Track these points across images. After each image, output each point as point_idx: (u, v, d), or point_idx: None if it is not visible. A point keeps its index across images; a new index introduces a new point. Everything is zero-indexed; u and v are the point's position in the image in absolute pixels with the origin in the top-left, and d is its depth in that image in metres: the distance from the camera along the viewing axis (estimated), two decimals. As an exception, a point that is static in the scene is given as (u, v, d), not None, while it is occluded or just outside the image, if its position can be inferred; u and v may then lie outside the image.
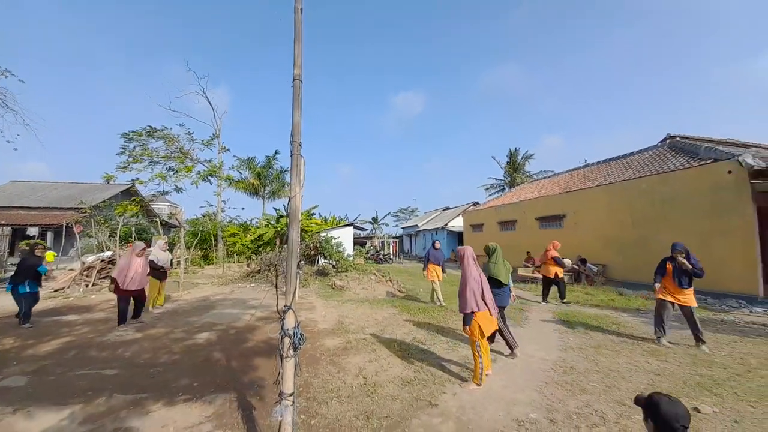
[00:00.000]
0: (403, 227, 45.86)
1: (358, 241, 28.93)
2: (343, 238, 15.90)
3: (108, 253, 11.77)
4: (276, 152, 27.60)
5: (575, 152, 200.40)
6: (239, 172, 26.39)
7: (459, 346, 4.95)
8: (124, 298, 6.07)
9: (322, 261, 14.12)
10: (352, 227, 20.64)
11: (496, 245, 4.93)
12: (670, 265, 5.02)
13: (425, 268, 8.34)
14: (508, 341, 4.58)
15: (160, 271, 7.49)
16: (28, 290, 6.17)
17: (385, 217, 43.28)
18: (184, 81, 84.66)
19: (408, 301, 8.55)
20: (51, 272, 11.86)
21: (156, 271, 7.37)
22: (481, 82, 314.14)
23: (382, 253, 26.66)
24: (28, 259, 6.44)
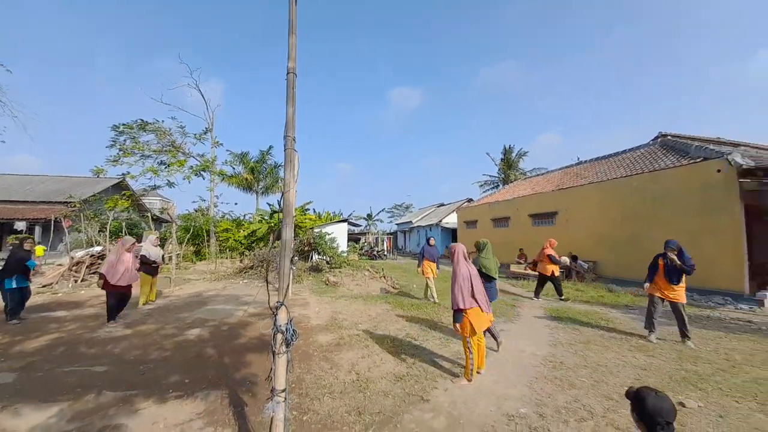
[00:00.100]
0: (397, 223, 45.92)
1: (352, 237, 28.91)
2: (337, 234, 15.87)
3: (98, 248, 11.61)
4: (270, 147, 27.51)
5: (572, 150, 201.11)
6: (232, 167, 26.18)
7: (451, 342, 4.99)
8: (113, 294, 5.99)
9: (315, 257, 14.08)
10: (346, 223, 20.63)
11: (487, 241, 5.06)
12: (661, 261, 5.12)
13: (420, 264, 8.38)
14: (494, 336, 4.64)
15: (151, 266, 7.42)
16: (15, 286, 6.04)
17: (379, 214, 43.39)
18: (177, 74, 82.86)
19: (401, 298, 8.59)
20: (39, 267, 11.65)
21: (147, 267, 7.29)
22: (480, 79, 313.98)
23: (376, 249, 26.67)
24: (17, 253, 6.27)
